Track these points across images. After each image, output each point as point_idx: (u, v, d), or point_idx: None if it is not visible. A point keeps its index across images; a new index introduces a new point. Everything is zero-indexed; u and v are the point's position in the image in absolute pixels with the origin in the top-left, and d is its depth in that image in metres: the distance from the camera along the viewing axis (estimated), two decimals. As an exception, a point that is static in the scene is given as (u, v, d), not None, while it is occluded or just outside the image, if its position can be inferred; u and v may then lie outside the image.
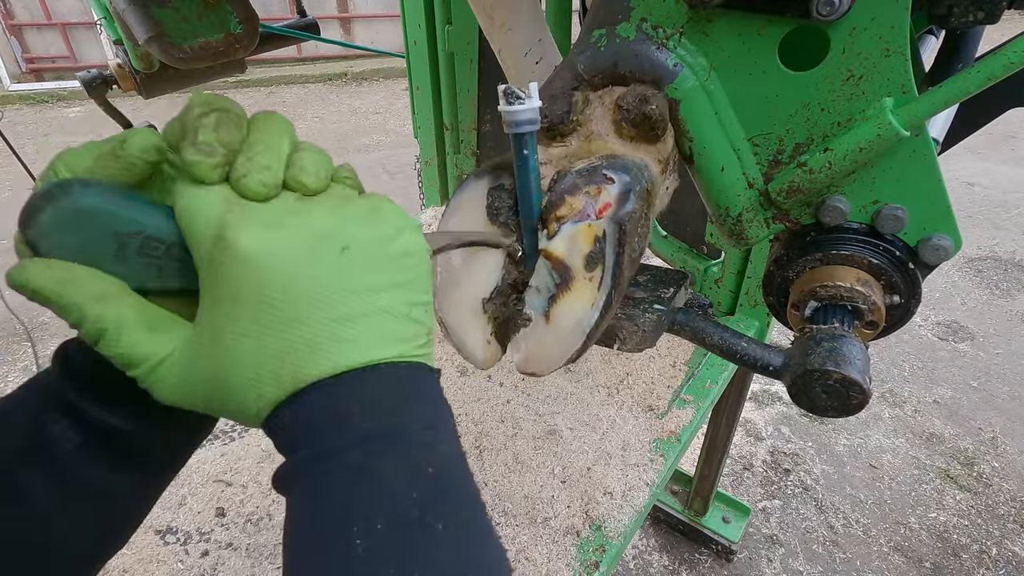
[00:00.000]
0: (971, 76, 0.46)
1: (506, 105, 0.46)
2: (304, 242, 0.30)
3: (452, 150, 1.68)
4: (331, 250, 0.31)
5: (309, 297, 0.30)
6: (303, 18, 1.41)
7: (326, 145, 4.10)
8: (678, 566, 1.91)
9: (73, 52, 7.71)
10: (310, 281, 0.30)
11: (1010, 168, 4.97)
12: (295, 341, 0.30)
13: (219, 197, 0.30)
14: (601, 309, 0.49)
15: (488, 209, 0.53)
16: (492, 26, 0.87)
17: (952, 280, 3.38)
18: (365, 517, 0.27)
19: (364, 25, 8.97)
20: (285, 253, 0.30)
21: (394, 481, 0.28)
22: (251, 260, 0.29)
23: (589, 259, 0.49)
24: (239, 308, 0.29)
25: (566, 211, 0.50)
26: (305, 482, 0.29)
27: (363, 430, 0.29)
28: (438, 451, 0.31)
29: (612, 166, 0.50)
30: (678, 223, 1.41)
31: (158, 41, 0.88)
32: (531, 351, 0.52)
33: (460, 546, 0.29)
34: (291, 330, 0.29)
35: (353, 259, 0.31)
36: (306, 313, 0.30)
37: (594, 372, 1.18)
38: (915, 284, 0.55)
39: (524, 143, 0.48)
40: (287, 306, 0.29)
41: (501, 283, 0.54)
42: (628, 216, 0.48)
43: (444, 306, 0.55)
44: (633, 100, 0.53)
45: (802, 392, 0.52)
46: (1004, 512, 2.06)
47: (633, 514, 0.89)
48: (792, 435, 2.37)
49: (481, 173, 0.54)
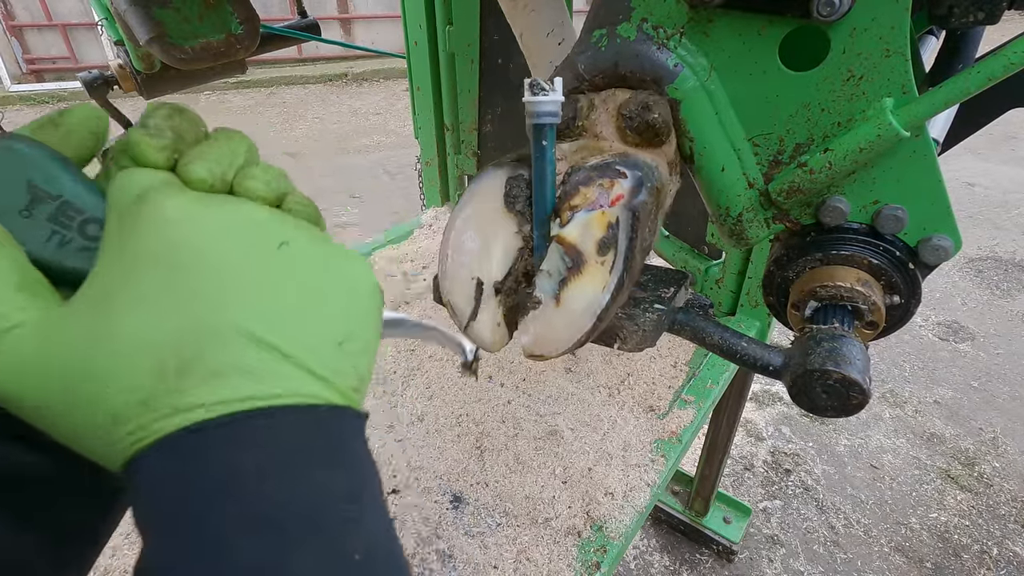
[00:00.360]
0: (971, 76, 0.46)
1: (531, 95, 0.47)
2: (236, 223, 0.26)
3: (453, 151, 1.69)
4: (268, 240, 0.26)
5: (230, 276, 0.24)
6: (303, 19, 1.41)
7: (327, 146, 4.13)
8: (679, 566, 1.91)
9: (74, 53, 7.72)
10: (235, 259, 0.25)
11: (1010, 168, 4.97)
12: (202, 321, 0.23)
13: (159, 175, 0.26)
14: (612, 292, 0.49)
15: (506, 197, 0.53)
16: (515, 7, 0.87)
17: (952, 280, 3.38)
18: None
19: (364, 26, 8.98)
20: (212, 226, 0.25)
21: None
22: (171, 219, 0.24)
23: (602, 244, 0.49)
24: (141, 269, 0.24)
25: (580, 200, 0.50)
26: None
27: (271, 505, 0.21)
28: (363, 526, 0.24)
29: (625, 162, 0.51)
30: (679, 223, 1.41)
31: (159, 42, 0.88)
32: (540, 333, 0.53)
33: None
34: (199, 306, 0.23)
35: (293, 256, 0.27)
36: (222, 293, 0.24)
37: (595, 372, 1.18)
38: (915, 284, 0.55)
39: (544, 134, 0.49)
40: (201, 279, 0.24)
41: (514, 270, 0.54)
42: (641, 205, 0.49)
43: (453, 289, 0.56)
44: (636, 108, 0.53)
45: (802, 392, 0.52)
46: (1005, 512, 2.06)
47: (634, 514, 0.89)
48: (793, 435, 2.37)
49: (501, 163, 0.54)
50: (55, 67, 7.72)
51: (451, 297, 0.56)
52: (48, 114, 0.28)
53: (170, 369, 0.22)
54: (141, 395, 0.22)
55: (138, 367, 0.22)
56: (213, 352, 0.23)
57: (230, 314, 0.23)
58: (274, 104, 7.23)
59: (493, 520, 0.88)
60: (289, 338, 0.25)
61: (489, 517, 0.89)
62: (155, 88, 1.25)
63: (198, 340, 0.23)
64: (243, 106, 7.19)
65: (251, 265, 0.25)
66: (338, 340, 0.27)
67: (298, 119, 6.58)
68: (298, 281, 0.26)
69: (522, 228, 0.53)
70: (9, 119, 1.76)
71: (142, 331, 0.22)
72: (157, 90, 1.25)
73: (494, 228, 0.54)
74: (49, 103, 7.19)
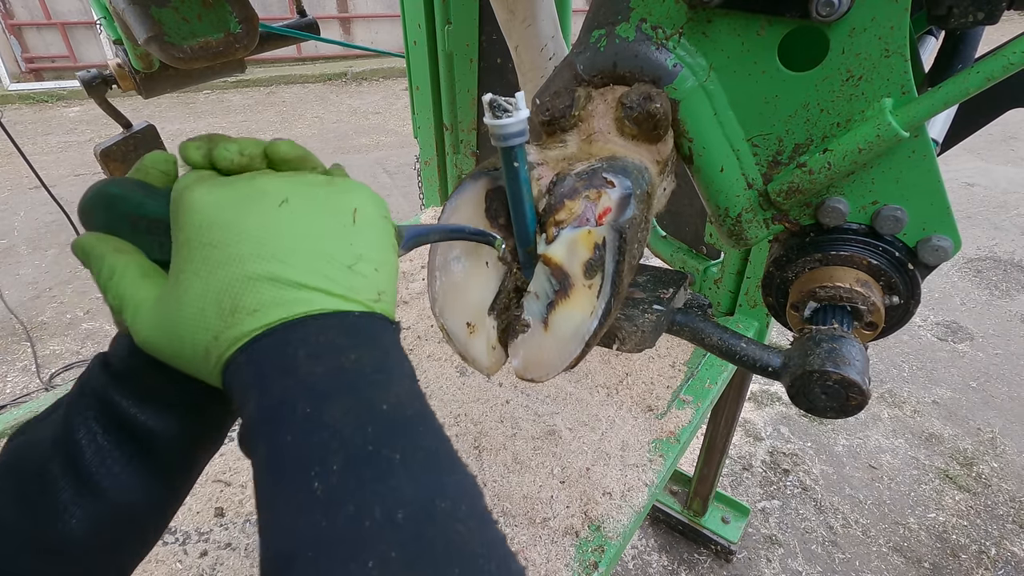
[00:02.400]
0: (971, 77, 0.46)
1: (492, 119, 0.45)
2: (244, 195, 0.34)
3: (452, 150, 1.68)
4: (269, 202, 0.34)
5: (245, 238, 0.33)
6: (303, 18, 1.41)
7: (326, 145, 4.11)
8: (677, 566, 1.91)
9: (73, 52, 7.71)
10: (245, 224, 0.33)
11: (1009, 169, 4.98)
12: (234, 277, 0.32)
13: (191, 176, 0.36)
14: (600, 317, 0.49)
15: (487, 212, 0.52)
16: (513, 21, 0.87)
17: (951, 280, 3.38)
18: (320, 461, 0.28)
19: (364, 25, 8.98)
20: (226, 202, 0.34)
21: (344, 423, 0.29)
22: (196, 208, 0.34)
23: (588, 266, 0.48)
24: (190, 251, 0.33)
25: (565, 215, 0.49)
26: (262, 442, 0.30)
27: (310, 376, 0.30)
28: (391, 390, 0.32)
29: (612, 168, 0.49)
30: (677, 224, 1.41)
31: (158, 41, 0.88)
32: (530, 357, 0.52)
33: (421, 476, 0.29)
34: (230, 267, 0.32)
35: (293, 209, 0.35)
36: (242, 252, 0.33)
37: (593, 372, 1.18)
38: (914, 285, 0.55)
39: (514, 155, 0.46)
40: (226, 247, 0.33)
41: (504, 288, 0.53)
42: (629, 223, 0.47)
43: (447, 313, 0.55)
44: (637, 98, 0.52)
45: (801, 393, 0.52)
46: (1003, 512, 2.06)
47: (632, 514, 0.89)
48: (791, 435, 2.37)
49: (477, 175, 0.53)
50: (54, 66, 7.70)
51: (445, 320, 0.55)
52: (139, 161, 0.41)
53: (225, 312, 0.32)
54: (213, 333, 0.32)
55: (204, 317, 0.32)
56: (246, 297, 0.32)
57: (250, 266, 0.33)
58: (273, 103, 7.22)
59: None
60: (302, 272, 0.33)
61: (487, 517, 0.89)
62: (153, 87, 1.24)
63: (234, 291, 0.32)
64: (242, 105, 7.18)
65: (259, 225, 0.33)
66: (347, 264, 0.35)
67: (297, 118, 6.58)
68: (300, 228, 0.34)
69: (507, 242, 0.52)
70: (8, 118, 1.75)
71: (199, 294, 0.32)
72: (155, 89, 1.25)
73: (479, 246, 0.53)
74: (48, 102, 7.18)
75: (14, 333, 2.99)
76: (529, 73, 0.91)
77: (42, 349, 2.89)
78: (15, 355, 2.86)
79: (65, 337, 2.99)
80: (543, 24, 0.87)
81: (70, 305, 3.24)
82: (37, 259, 3.71)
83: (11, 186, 4.66)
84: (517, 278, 0.53)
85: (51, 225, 4.06)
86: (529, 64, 0.90)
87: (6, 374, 2.75)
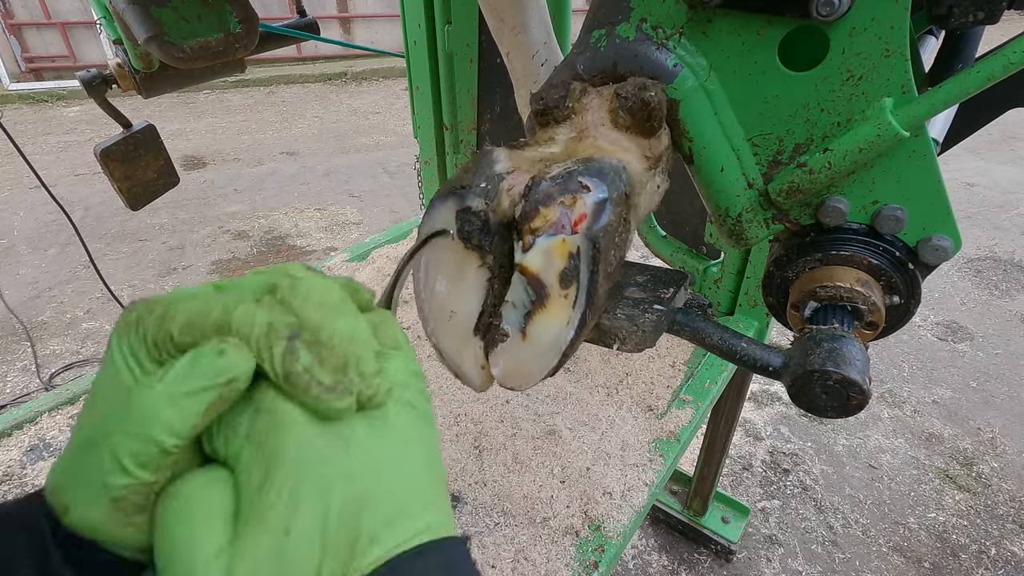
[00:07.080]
0: (971, 76, 0.46)
1: None
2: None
3: (452, 150, 1.68)
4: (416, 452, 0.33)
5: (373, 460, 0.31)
6: (303, 18, 1.41)
7: (326, 145, 4.11)
8: (677, 566, 1.91)
9: (73, 51, 7.71)
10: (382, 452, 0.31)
11: (1010, 168, 4.98)
12: (354, 498, 0.29)
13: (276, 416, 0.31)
14: (576, 328, 0.49)
15: (459, 233, 0.51)
16: (503, 29, 0.87)
17: (952, 280, 3.38)
18: None
19: (364, 25, 8.98)
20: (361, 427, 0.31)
21: None
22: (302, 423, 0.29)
23: (564, 276, 0.48)
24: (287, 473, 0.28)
25: (540, 223, 0.48)
26: None
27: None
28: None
29: (588, 171, 0.48)
30: (677, 223, 1.41)
31: (157, 41, 0.88)
32: (509, 367, 0.52)
33: None
34: (348, 486, 0.29)
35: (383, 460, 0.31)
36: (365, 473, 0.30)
37: (593, 372, 1.18)
38: (915, 284, 0.55)
39: None
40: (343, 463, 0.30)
41: (486, 307, 0.53)
42: (603, 231, 0.47)
43: (438, 332, 0.55)
44: (632, 88, 0.52)
45: (802, 393, 0.52)
46: (1003, 512, 2.06)
47: (632, 514, 0.89)
48: (791, 435, 2.37)
49: (444, 195, 0.51)
50: (54, 66, 7.71)
51: (438, 341, 0.55)
52: None
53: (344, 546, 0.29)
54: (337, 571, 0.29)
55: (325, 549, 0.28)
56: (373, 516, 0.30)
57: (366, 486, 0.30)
58: (273, 103, 7.22)
59: (491, 519, 0.88)
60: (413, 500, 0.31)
61: (487, 516, 0.89)
62: (153, 87, 1.24)
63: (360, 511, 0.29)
64: (242, 105, 7.18)
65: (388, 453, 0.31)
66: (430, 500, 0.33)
67: (297, 118, 6.58)
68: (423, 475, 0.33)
69: (485, 260, 0.51)
70: (8, 118, 1.75)
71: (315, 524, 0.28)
72: (155, 89, 1.25)
73: (458, 268, 0.52)
74: (48, 102, 7.18)
75: (14, 333, 2.99)
76: (522, 79, 0.91)
77: (42, 349, 2.89)
78: (15, 355, 2.86)
79: (65, 337, 2.99)
80: (534, 32, 0.87)
81: (70, 305, 3.24)
82: (37, 259, 3.71)
83: (11, 186, 4.66)
84: (497, 292, 0.53)
85: (51, 225, 4.07)
86: (521, 70, 0.90)
87: (6, 374, 2.75)
